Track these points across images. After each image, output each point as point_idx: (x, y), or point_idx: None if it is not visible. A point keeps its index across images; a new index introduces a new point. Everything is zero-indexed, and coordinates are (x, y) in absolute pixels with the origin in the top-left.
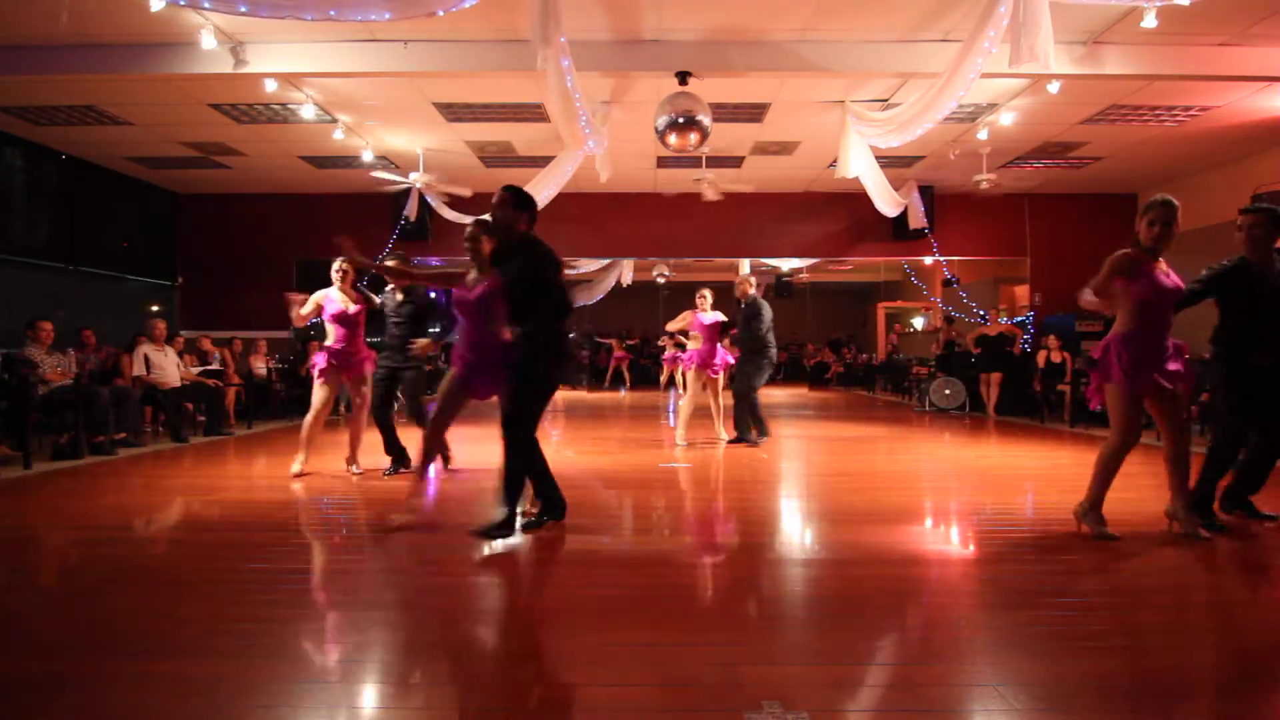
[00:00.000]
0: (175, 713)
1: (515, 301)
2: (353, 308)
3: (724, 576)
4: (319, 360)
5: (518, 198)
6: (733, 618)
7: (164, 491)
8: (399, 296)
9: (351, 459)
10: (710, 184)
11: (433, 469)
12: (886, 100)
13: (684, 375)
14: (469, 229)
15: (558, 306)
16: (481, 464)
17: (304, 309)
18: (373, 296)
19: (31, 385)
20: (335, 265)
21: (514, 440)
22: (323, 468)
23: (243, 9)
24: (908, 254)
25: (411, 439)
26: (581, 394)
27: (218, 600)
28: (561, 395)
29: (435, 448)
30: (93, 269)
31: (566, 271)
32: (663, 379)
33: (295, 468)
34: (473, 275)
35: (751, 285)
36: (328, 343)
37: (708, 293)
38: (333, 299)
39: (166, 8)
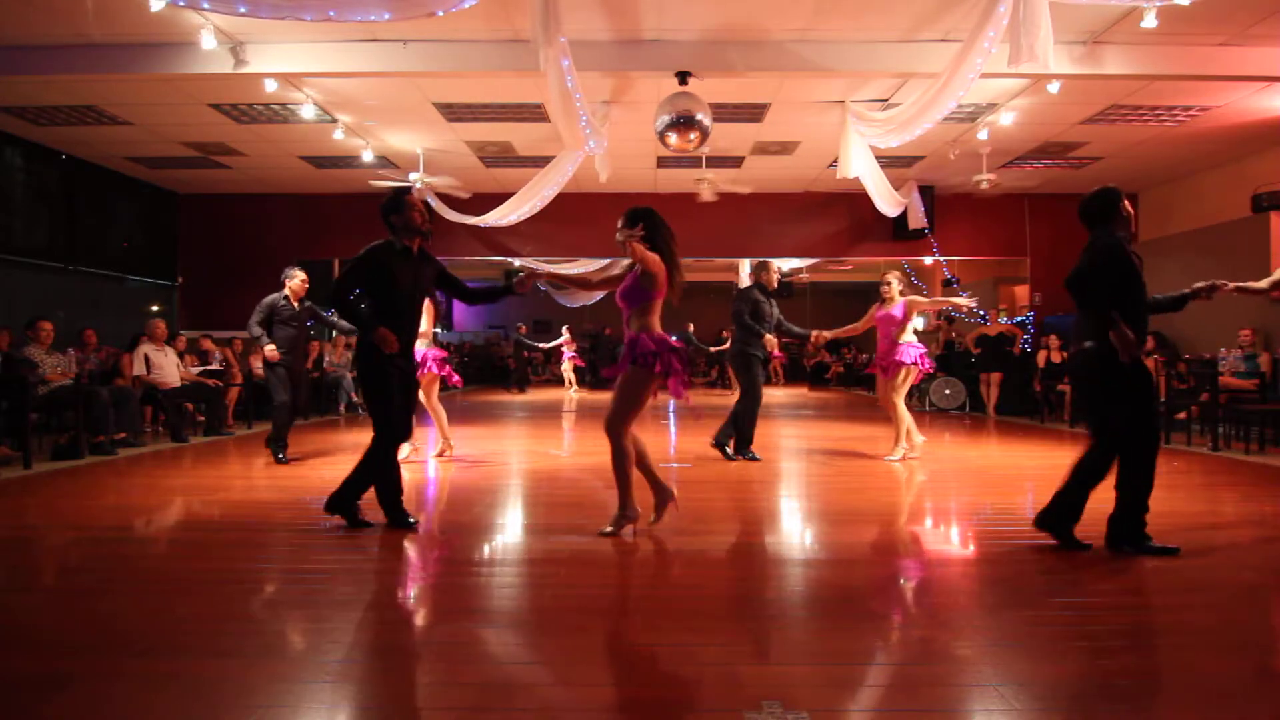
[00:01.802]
0: (175, 712)
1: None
2: None
3: (724, 576)
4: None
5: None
6: (733, 618)
7: (164, 491)
8: (297, 305)
9: (445, 443)
10: (710, 183)
11: (433, 460)
12: (886, 100)
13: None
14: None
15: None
16: (482, 457)
17: None
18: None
19: (31, 385)
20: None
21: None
22: (307, 466)
23: (242, 9)
24: (908, 254)
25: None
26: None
27: (218, 600)
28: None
29: None
30: (93, 269)
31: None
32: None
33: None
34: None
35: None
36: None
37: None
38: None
39: (166, 8)
